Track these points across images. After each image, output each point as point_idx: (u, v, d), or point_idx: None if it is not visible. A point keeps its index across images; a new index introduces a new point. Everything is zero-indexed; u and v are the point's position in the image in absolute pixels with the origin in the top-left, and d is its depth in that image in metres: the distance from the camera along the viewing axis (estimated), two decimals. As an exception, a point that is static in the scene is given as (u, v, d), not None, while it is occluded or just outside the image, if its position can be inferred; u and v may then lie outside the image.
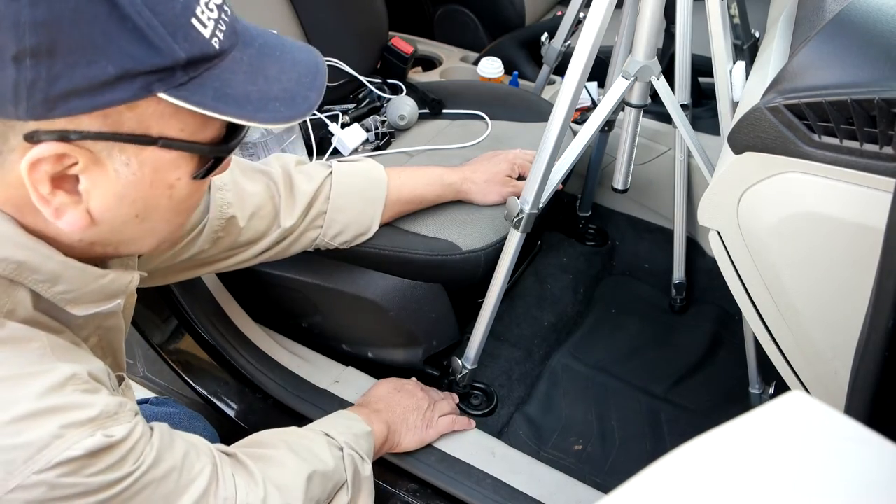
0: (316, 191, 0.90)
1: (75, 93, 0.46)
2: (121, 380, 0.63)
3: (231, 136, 0.56)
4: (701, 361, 1.29)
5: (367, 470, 0.84)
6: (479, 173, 1.05)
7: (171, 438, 0.61)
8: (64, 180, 0.50)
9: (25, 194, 0.50)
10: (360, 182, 0.95)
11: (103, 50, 0.46)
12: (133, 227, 0.55)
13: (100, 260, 0.60)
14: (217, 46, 0.51)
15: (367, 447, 0.87)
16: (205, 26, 0.50)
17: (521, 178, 1.08)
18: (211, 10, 0.50)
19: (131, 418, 0.57)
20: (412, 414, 1.00)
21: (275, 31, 0.59)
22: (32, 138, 0.47)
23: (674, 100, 1.01)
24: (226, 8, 0.53)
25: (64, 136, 0.48)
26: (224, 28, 0.52)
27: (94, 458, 0.52)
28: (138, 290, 0.70)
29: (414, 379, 1.10)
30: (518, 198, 0.96)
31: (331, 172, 0.92)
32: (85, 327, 0.61)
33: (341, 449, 0.82)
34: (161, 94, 0.49)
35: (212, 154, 0.55)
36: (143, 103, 0.49)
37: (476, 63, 1.61)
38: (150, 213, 0.55)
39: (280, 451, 0.76)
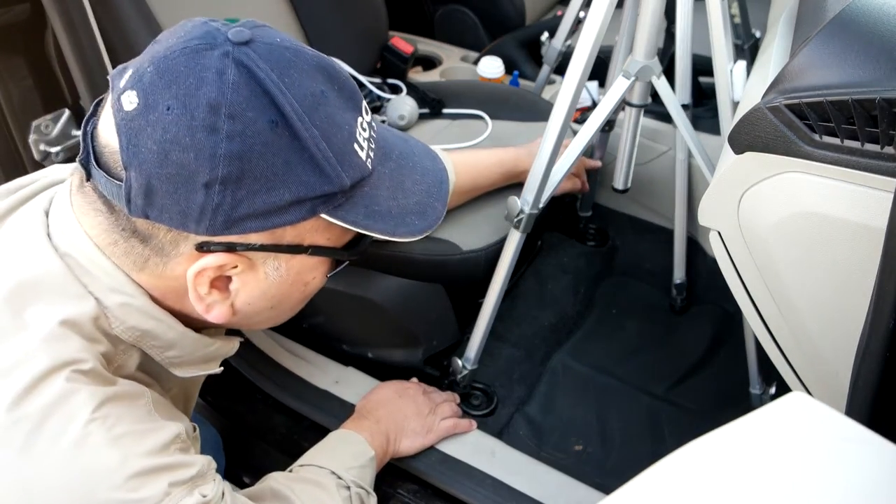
0: None
1: (252, 216, 0.52)
2: (194, 428, 0.65)
3: (363, 239, 0.61)
4: (701, 361, 1.29)
5: (372, 502, 0.87)
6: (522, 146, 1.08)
7: (234, 497, 0.64)
8: (219, 280, 0.55)
9: (178, 287, 0.55)
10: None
11: (283, 178, 0.51)
12: (263, 315, 0.61)
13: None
14: (370, 167, 0.57)
15: (370, 476, 0.89)
16: (362, 149, 0.55)
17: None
18: (364, 130, 0.56)
19: (215, 476, 0.59)
20: (413, 420, 1.00)
21: (403, 135, 0.64)
22: (203, 248, 0.53)
23: (674, 100, 1.01)
24: (374, 125, 0.58)
25: (231, 248, 0.53)
26: (374, 146, 0.57)
27: None
28: None
29: (415, 380, 1.10)
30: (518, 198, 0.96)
31: None
32: (171, 380, 0.64)
33: (348, 488, 0.84)
34: (323, 215, 0.54)
35: (349, 258, 0.61)
36: (305, 222, 0.54)
37: (476, 63, 1.61)
38: (283, 304, 0.61)
39: (310, 493, 0.79)
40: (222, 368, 0.66)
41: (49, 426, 0.50)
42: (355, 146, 0.54)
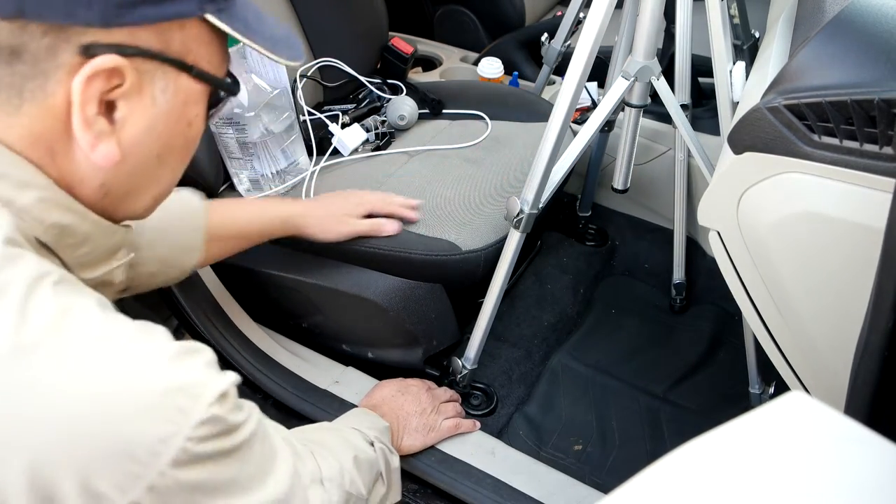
0: None
1: (145, 0, 0.46)
2: None
3: (235, 82, 0.57)
4: (701, 361, 1.29)
5: (395, 462, 0.86)
6: (321, 209, 1.00)
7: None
8: (104, 108, 0.48)
9: (60, 128, 0.48)
10: (175, 211, 0.85)
11: None
12: (148, 170, 0.54)
13: None
14: None
15: (389, 441, 0.89)
16: None
17: (371, 216, 1.02)
18: None
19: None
20: (415, 418, 1.00)
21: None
22: (89, 51, 0.46)
23: (674, 100, 1.01)
24: None
25: (121, 51, 0.47)
26: None
27: (231, 392, 0.50)
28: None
29: (417, 379, 1.10)
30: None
31: None
32: None
33: (372, 444, 0.83)
34: (208, 15, 0.50)
35: (227, 90, 0.55)
36: (190, 24, 0.50)
37: (476, 63, 1.61)
38: (167, 153, 0.54)
39: (325, 436, 0.77)
40: (124, 262, 0.60)
41: (67, 343, 0.45)
42: None
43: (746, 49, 1.07)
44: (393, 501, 0.85)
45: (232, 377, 0.50)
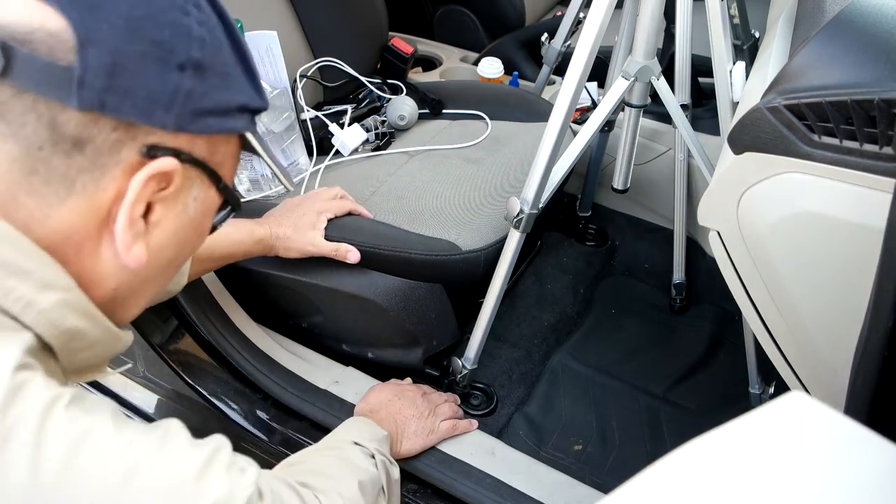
0: None
1: (214, 112, 0.49)
2: None
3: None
4: (701, 361, 1.29)
5: (395, 473, 0.86)
6: (283, 227, 1.01)
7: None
8: (147, 208, 0.49)
9: (97, 226, 0.47)
10: None
11: (234, 79, 0.50)
12: (158, 274, 0.54)
13: None
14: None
15: (388, 450, 0.89)
16: None
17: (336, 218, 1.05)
18: None
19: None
20: (413, 422, 1.00)
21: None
22: (152, 152, 0.46)
23: (674, 100, 1.01)
24: None
25: (179, 156, 0.48)
26: None
27: (256, 491, 0.50)
28: None
29: (409, 381, 1.10)
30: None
31: None
32: None
33: (373, 456, 0.83)
34: (248, 135, 0.53)
35: (236, 206, 0.57)
36: (234, 139, 0.53)
37: (476, 63, 1.61)
38: (178, 259, 0.54)
39: (327, 463, 0.78)
40: (107, 371, 0.58)
41: (87, 483, 0.43)
42: None
43: (746, 49, 1.07)
44: None
45: (252, 475, 0.50)
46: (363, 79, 1.32)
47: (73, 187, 0.45)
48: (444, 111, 1.32)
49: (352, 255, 1.02)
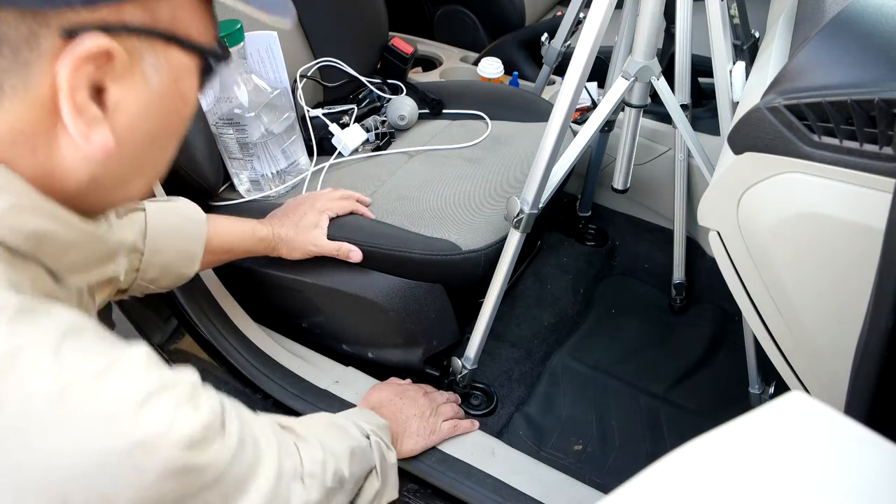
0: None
1: None
2: None
3: (223, 51, 0.53)
4: (701, 361, 1.29)
5: (392, 458, 0.85)
6: (286, 227, 1.01)
7: (239, 407, 0.57)
8: (95, 91, 0.45)
9: (46, 121, 0.44)
10: (179, 221, 0.86)
11: None
12: (144, 155, 0.50)
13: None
14: None
15: (388, 438, 0.88)
16: None
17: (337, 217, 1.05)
18: None
19: (206, 386, 0.52)
20: (414, 422, 0.99)
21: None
22: (71, 33, 0.42)
23: (674, 100, 1.01)
24: None
25: (107, 29, 0.43)
26: None
27: (207, 432, 0.48)
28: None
29: (409, 381, 1.10)
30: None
31: (144, 210, 0.81)
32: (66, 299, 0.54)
33: (368, 437, 0.83)
34: None
35: (218, 58, 0.51)
36: None
37: (476, 63, 1.61)
38: (163, 134, 0.50)
39: (323, 424, 0.77)
40: (119, 269, 0.56)
41: (7, 401, 0.41)
42: None
43: (746, 49, 1.07)
44: (389, 499, 0.84)
45: (207, 411, 0.48)
46: (363, 79, 1.33)
47: (3, 91, 0.43)
48: (444, 111, 1.32)
49: (354, 254, 1.02)
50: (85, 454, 0.42)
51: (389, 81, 1.37)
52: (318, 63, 1.28)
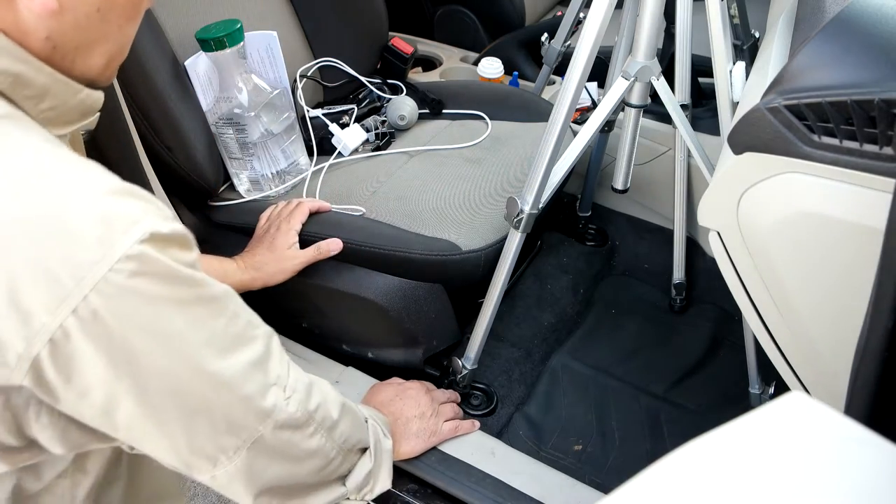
0: None
1: None
2: None
3: None
4: (701, 361, 1.29)
5: (388, 445, 0.84)
6: (259, 255, 1.01)
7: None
8: None
9: None
10: None
11: None
12: (92, 24, 0.54)
13: None
14: None
15: (387, 429, 0.87)
16: None
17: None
18: None
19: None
20: (415, 422, 0.99)
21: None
22: None
23: (674, 100, 1.01)
24: None
25: None
26: None
27: (175, 241, 0.51)
28: None
29: (416, 381, 1.09)
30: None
31: None
32: None
33: (366, 420, 0.82)
34: None
35: None
36: None
37: (476, 63, 1.61)
38: (108, 7, 0.54)
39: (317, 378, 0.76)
40: (93, 121, 0.61)
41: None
42: None
43: (746, 49, 1.07)
44: (382, 487, 0.83)
45: (177, 228, 0.51)
46: (363, 79, 1.33)
47: None
48: (444, 111, 1.32)
49: (333, 245, 1.02)
50: (51, 217, 0.47)
51: (389, 81, 1.37)
52: (318, 63, 1.28)
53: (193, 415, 0.56)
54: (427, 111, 1.32)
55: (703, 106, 1.40)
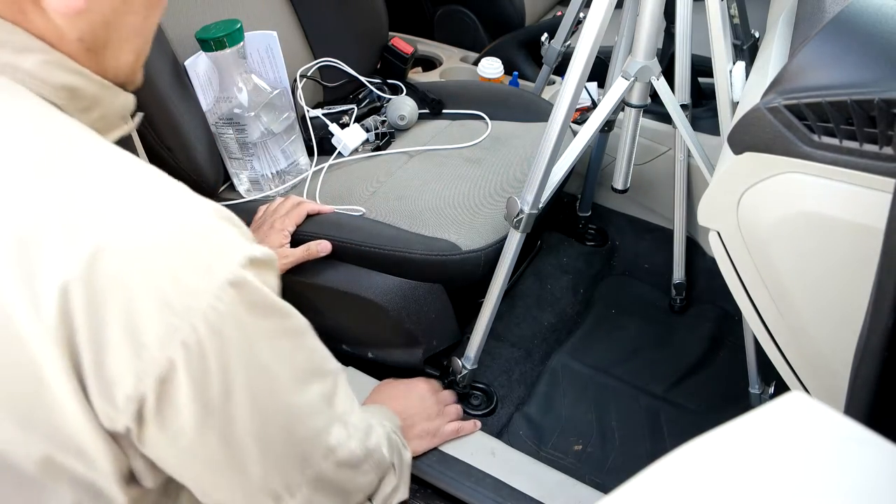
0: None
1: None
2: None
3: None
4: (701, 361, 1.29)
5: (407, 456, 0.84)
6: None
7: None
8: None
9: None
10: None
11: None
12: (118, 17, 0.52)
13: None
14: None
15: (401, 435, 0.87)
16: None
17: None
18: None
19: None
20: (420, 423, 0.99)
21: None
22: None
23: (674, 100, 1.01)
24: None
25: None
26: None
27: (268, 264, 0.50)
28: None
29: (423, 379, 1.09)
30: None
31: None
32: None
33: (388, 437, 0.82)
34: None
35: None
36: None
37: (476, 63, 1.61)
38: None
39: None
40: (133, 125, 0.60)
41: (99, 164, 0.45)
42: None
43: (746, 49, 1.07)
44: (401, 498, 0.82)
45: (267, 252, 0.50)
46: (363, 79, 1.33)
47: None
48: (444, 111, 1.32)
49: (322, 247, 1.01)
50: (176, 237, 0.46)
51: (389, 81, 1.37)
52: (318, 63, 1.28)
53: (269, 451, 0.53)
54: (427, 111, 1.32)
55: (703, 106, 1.40)
